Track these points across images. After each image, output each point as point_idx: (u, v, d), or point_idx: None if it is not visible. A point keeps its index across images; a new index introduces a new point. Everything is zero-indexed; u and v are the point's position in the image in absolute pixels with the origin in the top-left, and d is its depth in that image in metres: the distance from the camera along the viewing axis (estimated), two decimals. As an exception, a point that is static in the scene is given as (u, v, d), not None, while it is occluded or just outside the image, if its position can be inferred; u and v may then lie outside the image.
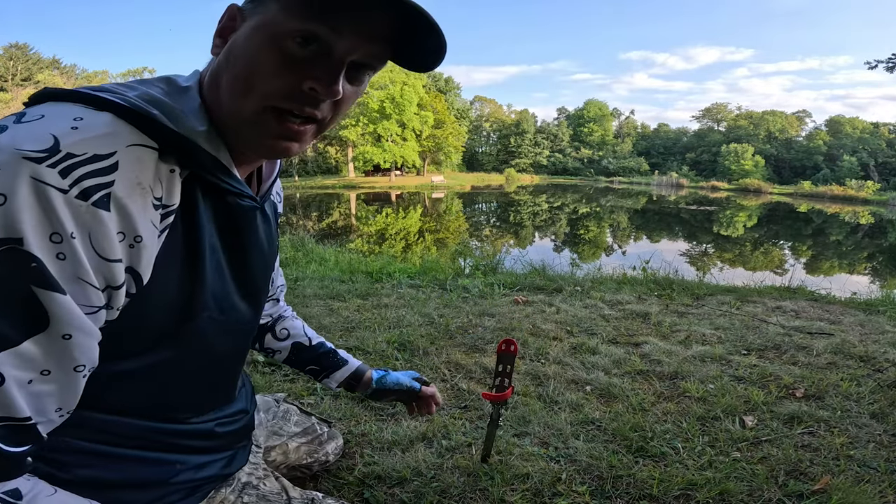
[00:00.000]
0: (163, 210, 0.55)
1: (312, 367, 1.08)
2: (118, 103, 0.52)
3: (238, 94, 0.56)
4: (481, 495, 1.25)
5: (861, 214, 25.30)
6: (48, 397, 0.49)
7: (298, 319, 1.10)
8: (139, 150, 0.52)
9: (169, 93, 0.58)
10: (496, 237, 14.50)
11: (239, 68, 0.56)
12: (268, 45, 0.54)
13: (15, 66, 39.66)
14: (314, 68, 0.55)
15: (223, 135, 0.60)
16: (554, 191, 38.07)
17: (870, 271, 10.49)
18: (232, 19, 0.59)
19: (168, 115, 0.55)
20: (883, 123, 51.40)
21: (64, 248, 0.46)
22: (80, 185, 0.46)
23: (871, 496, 1.27)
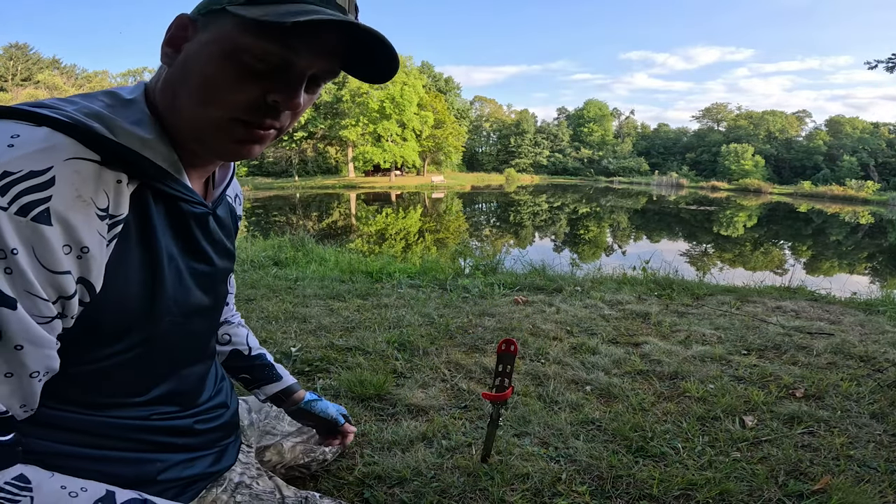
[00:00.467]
0: (110, 220, 0.56)
1: (244, 375, 1.05)
2: (55, 118, 0.53)
3: (200, 105, 0.58)
4: (481, 495, 1.25)
5: (861, 214, 25.30)
6: (12, 395, 0.53)
7: (244, 328, 1.07)
8: (78, 163, 0.52)
9: (111, 105, 0.59)
10: (496, 237, 14.50)
11: (199, 81, 0.57)
12: (227, 59, 0.56)
13: (15, 66, 39.65)
14: (275, 82, 0.58)
15: (177, 142, 0.62)
16: (554, 191, 38.06)
17: (870, 271, 10.49)
18: (182, 29, 0.59)
19: (108, 127, 0.56)
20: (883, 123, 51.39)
21: (9, 264, 0.48)
22: (18, 201, 0.48)
23: (871, 496, 1.27)
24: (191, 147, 0.62)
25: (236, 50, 0.56)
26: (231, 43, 0.56)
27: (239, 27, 0.55)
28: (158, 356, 0.69)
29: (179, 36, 0.59)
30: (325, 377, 1.90)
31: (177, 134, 0.61)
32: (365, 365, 1.99)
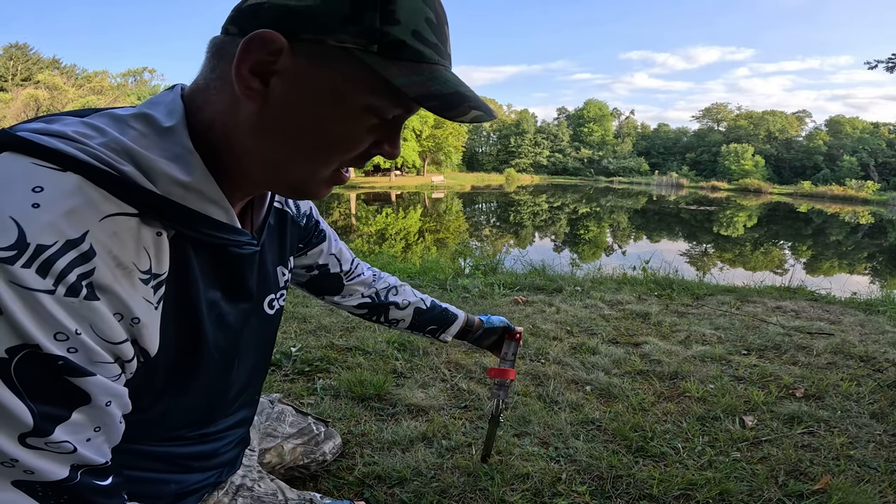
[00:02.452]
0: (154, 281, 0.51)
1: (431, 327, 1.16)
2: (83, 161, 0.45)
3: (309, 161, 0.52)
4: (481, 495, 1.25)
5: (861, 214, 25.30)
6: (104, 444, 0.51)
7: (405, 285, 1.14)
8: (115, 221, 0.46)
9: (146, 135, 0.50)
10: (496, 237, 14.50)
11: (312, 137, 0.50)
12: (349, 118, 0.50)
13: (15, 66, 39.66)
14: (383, 134, 0.53)
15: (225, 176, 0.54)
16: (554, 191, 38.06)
17: (870, 271, 10.49)
18: (275, 53, 0.47)
19: (144, 170, 0.48)
20: (883, 123, 51.45)
21: (73, 343, 0.45)
22: (63, 281, 0.43)
23: (871, 496, 1.27)
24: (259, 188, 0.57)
25: (366, 109, 0.49)
26: (362, 102, 0.49)
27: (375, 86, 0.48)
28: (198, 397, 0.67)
29: (268, 62, 0.47)
30: (325, 377, 1.90)
31: (243, 173, 0.54)
32: (365, 365, 1.99)
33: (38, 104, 29.94)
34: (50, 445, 0.45)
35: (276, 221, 0.74)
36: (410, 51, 0.47)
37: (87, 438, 0.49)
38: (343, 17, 0.45)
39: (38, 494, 0.46)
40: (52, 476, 0.46)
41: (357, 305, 1.07)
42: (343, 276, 1.02)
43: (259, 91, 0.48)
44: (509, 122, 63.97)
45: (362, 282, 1.07)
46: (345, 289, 1.04)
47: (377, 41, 0.46)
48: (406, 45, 0.47)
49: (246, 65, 0.47)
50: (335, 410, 1.64)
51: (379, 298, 1.09)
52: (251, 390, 0.82)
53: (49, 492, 0.46)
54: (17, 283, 0.41)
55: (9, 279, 0.41)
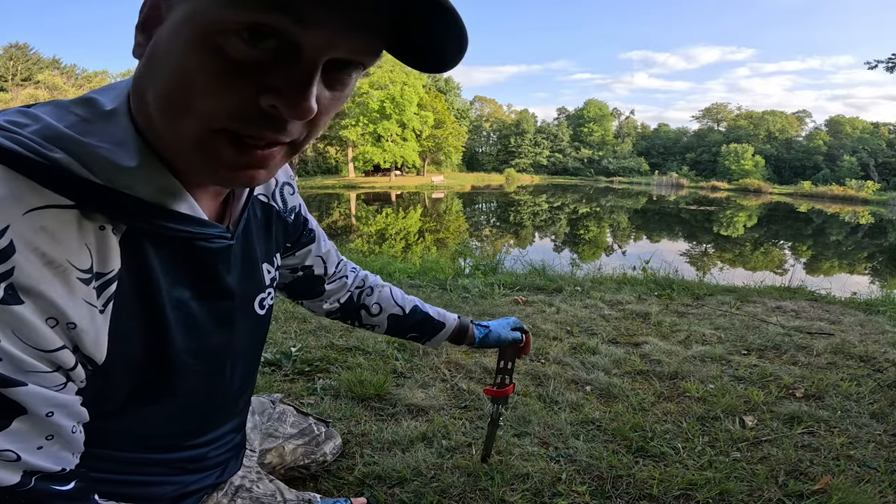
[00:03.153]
0: (97, 281, 0.46)
1: (413, 334, 1.09)
2: (8, 148, 0.40)
3: (170, 114, 0.42)
4: (481, 495, 1.25)
5: (861, 214, 25.30)
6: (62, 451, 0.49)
7: (385, 285, 1.07)
8: (42, 215, 0.41)
9: (86, 120, 0.45)
10: (496, 237, 14.50)
11: (167, 79, 0.41)
12: (202, 44, 0.39)
13: (15, 66, 39.65)
14: (273, 76, 0.40)
15: (170, 162, 0.47)
16: (554, 191, 38.06)
17: (870, 271, 10.49)
18: (156, 8, 0.43)
19: (80, 157, 0.43)
20: (883, 123, 51.44)
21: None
22: None
23: (871, 496, 1.27)
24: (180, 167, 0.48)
25: (215, 30, 0.39)
26: (209, 20, 0.38)
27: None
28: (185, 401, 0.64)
29: (152, 17, 0.43)
30: (325, 377, 1.90)
31: (162, 151, 0.47)
32: (365, 365, 1.99)
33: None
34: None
35: (262, 215, 0.70)
36: None
37: (37, 446, 0.46)
38: None
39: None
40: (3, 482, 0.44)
41: (329, 312, 1.02)
42: (326, 279, 0.96)
43: (144, 45, 0.44)
44: (509, 122, 64.00)
45: (343, 285, 1.00)
46: (325, 292, 0.98)
47: None
48: None
49: (137, 23, 0.45)
50: (335, 410, 1.64)
51: (351, 301, 1.02)
52: (245, 396, 0.81)
53: (6, 496, 0.45)
54: None
55: None
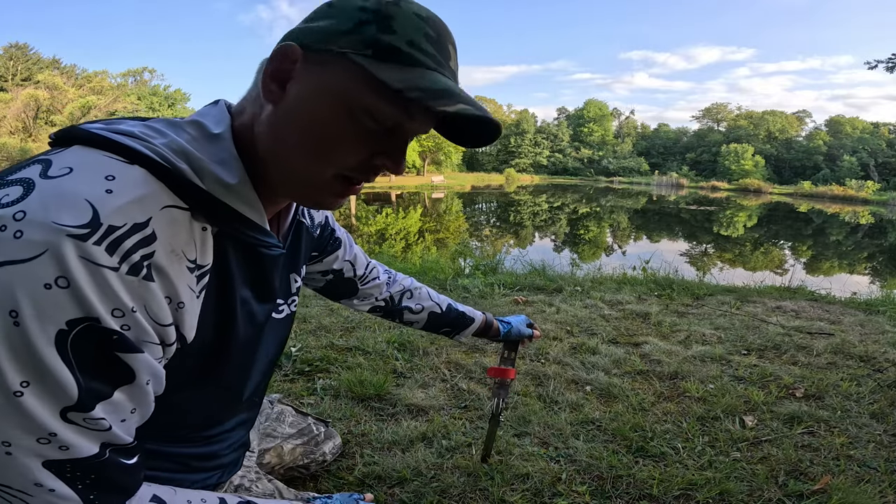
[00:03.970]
0: (198, 272, 0.55)
1: (446, 329, 1.20)
2: (148, 156, 0.50)
3: (311, 159, 0.55)
4: (481, 495, 1.25)
5: (861, 214, 25.30)
6: (134, 423, 0.54)
7: (423, 287, 1.19)
8: (172, 212, 0.50)
9: (197, 139, 0.55)
10: (496, 237, 14.49)
11: (314, 133, 0.54)
12: (348, 118, 0.53)
13: (15, 66, 39.65)
14: (385, 145, 0.56)
15: (264, 182, 0.59)
16: (554, 191, 38.06)
17: (870, 271, 10.49)
18: (291, 62, 0.54)
19: (196, 170, 0.53)
20: (883, 123, 51.44)
21: (127, 321, 0.48)
22: (128, 260, 0.46)
23: (871, 496, 1.27)
24: (280, 192, 0.60)
25: (361, 109, 0.53)
26: (357, 101, 0.53)
27: (369, 86, 0.52)
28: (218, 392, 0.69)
29: (286, 69, 0.54)
30: (325, 377, 1.90)
31: (268, 177, 0.58)
32: (365, 365, 1.99)
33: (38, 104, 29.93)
34: (87, 422, 0.47)
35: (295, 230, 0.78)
36: (405, 56, 0.52)
37: (122, 419, 0.51)
38: (347, 30, 0.52)
39: (67, 475, 0.47)
40: (84, 452, 0.48)
41: (371, 309, 1.13)
42: (357, 281, 1.07)
43: (277, 93, 0.55)
44: (509, 122, 64.00)
45: (377, 286, 1.11)
46: (359, 292, 1.09)
47: (372, 46, 0.52)
48: (401, 52, 0.52)
49: (268, 73, 0.55)
50: (335, 410, 1.64)
51: (393, 303, 1.14)
52: (259, 391, 0.83)
53: (77, 471, 0.48)
54: (88, 259, 0.44)
55: (80, 254, 0.44)
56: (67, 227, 0.44)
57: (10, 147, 25.02)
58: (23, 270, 0.43)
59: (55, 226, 0.43)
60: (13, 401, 0.44)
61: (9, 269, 0.43)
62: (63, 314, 0.44)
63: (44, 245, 0.43)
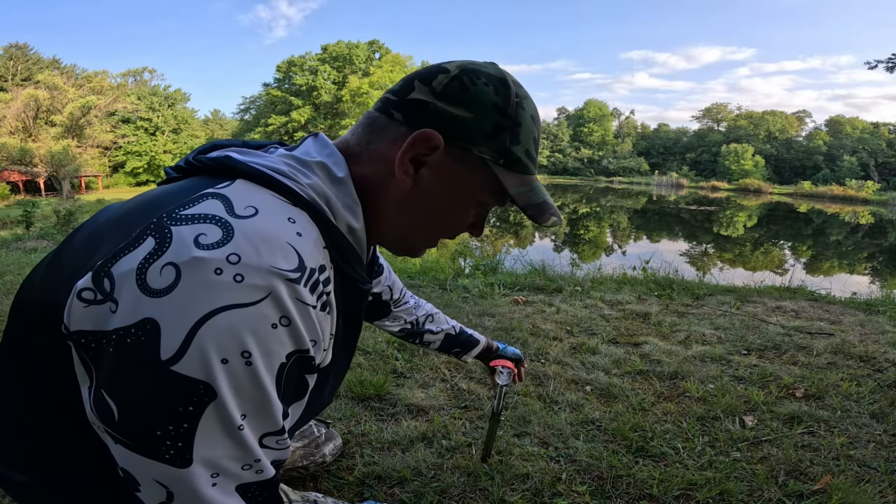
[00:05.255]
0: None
1: (456, 350, 1.28)
2: (306, 199, 0.55)
3: (432, 231, 0.65)
4: (481, 495, 1.25)
5: (861, 214, 25.29)
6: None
7: (439, 312, 1.27)
8: (325, 252, 0.56)
9: (326, 182, 0.59)
10: (496, 237, 14.49)
11: (440, 217, 0.64)
12: (464, 208, 0.63)
13: (15, 66, 39.61)
14: (478, 220, 0.67)
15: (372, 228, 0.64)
16: (554, 191, 38.02)
17: (870, 271, 10.49)
18: (431, 150, 0.59)
19: (333, 212, 0.58)
20: (883, 123, 51.35)
21: (317, 349, 0.53)
22: (321, 299, 0.52)
23: (871, 496, 1.27)
24: (384, 241, 0.68)
25: (479, 203, 0.63)
26: (482, 197, 0.63)
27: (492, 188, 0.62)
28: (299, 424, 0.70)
29: (423, 155, 0.59)
30: (325, 377, 1.90)
31: (380, 229, 0.65)
32: (365, 365, 1.99)
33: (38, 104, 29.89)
34: (279, 443, 0.51)
35: None
36: (522, 166, 0.62)
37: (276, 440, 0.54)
38: (486, 134, 0.59)
39: (249, 496, 0.50)
40: (269, 473, 0.51)
41: (398, 331, 1.21)
42: (392, 304, 1.15)
43: (412, 176, 0.60)
44: (509, 122, 63.82)
45: (406, 310, 1.19)
46: (391, 314, 1.17)
47: (504, 156, 0.60)
48: (520, 161, 0.61)
49: (409, 154, 0.59)
50: (335, 410, 1.64)
51: (417, 325, 1.22)
52: None
53: (257, 491, 0.51)
54: (300, 300, 0.49)
55: (294, 296, 0.48)
56: (285, 272, 0.48)
57: (10, 147, 24.97)
58: (250, 314, 0.45)
59: (273, 269, 0.47)
60: (236, 434, 0.47)
61: (238, 311, 0.45)
62: (285, 349, 0.48)
63: (267, 289, 0.46)
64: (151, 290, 0.44)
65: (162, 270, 0.44)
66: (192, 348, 0.44)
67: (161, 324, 0.44)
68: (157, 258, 0.45)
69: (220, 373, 0.45)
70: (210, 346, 0.44)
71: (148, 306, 0.44)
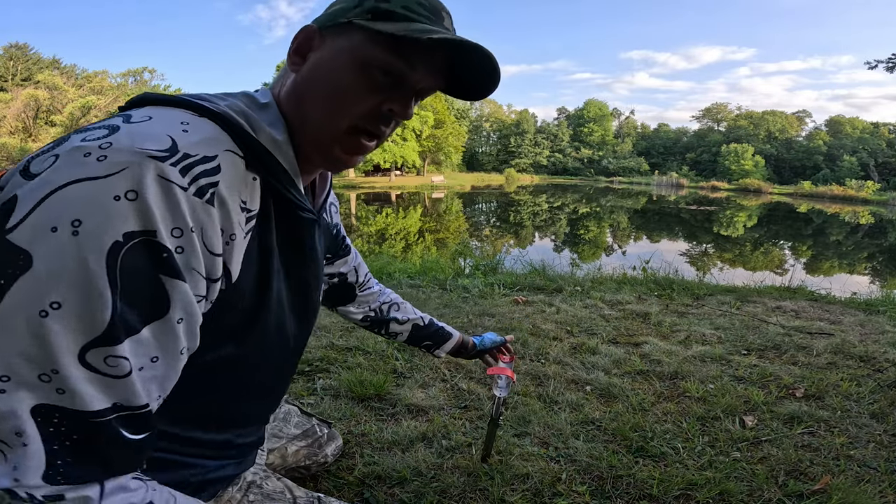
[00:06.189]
0: (247, 213, 0.59)
1: (427, 342, 1.25)
2: (216, 112, 0.57)
3: (327, 112, 0.62)
4: (481, 495, 1.25)
5: (861, 214, 25.29)
6: (153, 382, 0.50)
7: (406, 302, 1.23)
8: (232, 155, 0.56)
9: (250, 106, 0.62)
10: (496, 237, 14.49)
11: (328, 89, 0.61)
12: (357, 70, 0.60)
13: (15, 66, 39.62)
14: (393, 93, 0.62)
15: (297, 146, 0.64)
16: (554, 191, 38.04)
17: (870, 271, 10.48)
18: (310, 39, 0.63)
19: (252, 127, 0.59)
20: (883, 123, 51.40)
21: (183, 242, 0.49)
22: (196, 183, 0.50)
23: (871, 496, 1.27)
24: (307, 152, 0.65)
25: (366, 61, 0.60)
26: (362, 54, 0.60)
27: (369, 40, 0.60)
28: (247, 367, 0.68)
29: (306, 45, 0.63)
30: (325, 377, 1.90)
31: (298, 139, 0.64)
32: (365, 365, 1.99)
33: (38, 104, 29.89)
34: (109, 363, 0.45)
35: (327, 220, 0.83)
36: (399, 16, 0.60)
37: (141, 366, 0.48)
38: (353, 6, 0.61)
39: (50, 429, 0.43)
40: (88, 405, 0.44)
41: (362, 318, 1.18)
42: (357, 287, 1.13)
43: (300, 64, 0.63)
44: (509, 122, 63.98)
45: (371, 295, 1.17)
46: (357, 298, 1.15)
47: (371, 12, 0.60)
48: (395, 13, 0.60)
49: (291, 49, 0.64)
50: (335, 410, 1.64)
51: (381, 313, 1.19)
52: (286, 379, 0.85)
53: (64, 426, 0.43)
54: (163, 176, 0.47)
55: (157, 172, 0.47)
56: (149, 150, 0.48)
57: (10, 147, 24.97)
58: (97, 185, 0.45)
59: (138, 149, 0.47)
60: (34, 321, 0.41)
61: (86, 184, 0.45)
62: (123, 225, 0.45)
63: (125, 164, 0.46)
64: (28, 174, 0.47)
65: (45, 159, 0.47)
66: (31, 216, 0.43)
67: (19, 197, 0.45)
68: (46, 152, 0.49)
69: (43, 240, 0.42)
70: (45, 214, 0.43)
71: (19, 185, 0.46)
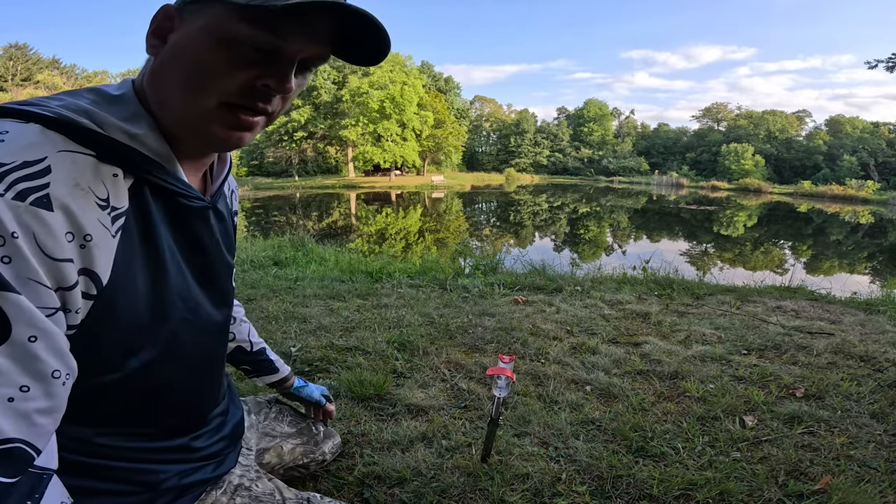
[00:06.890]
0: (111, 211, 0.55)
1: (245, 367, 1.15)
2: (43, 115, 0.53)
3: (190, 93, 0.58)
4: (481, 495, 1.25)
5: (861, 214, 25.28)
6: (36, 414, 0.46)
7: (247, 323, 1.13)
8: (72, 155, 0.52)
9: (97, 102, 0.58)
10: (496, 237, 14.49)
11: (190, 69, 0.57)
12: (220, 47, 0.56)
13: (15, 66, 39.62)
14: (268, 68, 0.58)
15: (170, 134, 0.61)
16: (554, 190, 38.04)
17: (870, 271, 10.48)
18: (168, 19, 0.59)
19: (97, 123, 0.55)
20: (883, 123, 51.35)
21: (8, 251, 0.45)
22: (14, 188, 0.47)
23: (871, 496, 1.27)
24: (182, 138, 0.62)
25: (227, 37, 0.56)
26: (222, 30, 0.56)
27: (229, 14, 0.55)
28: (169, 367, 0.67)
29: (165, 26, 0.59)
30: (325, 377, 1.90)
31: (168, 125, 0.61)
32: (365, 365, 1.99)
33: (38, 104, 29.93)
34: None
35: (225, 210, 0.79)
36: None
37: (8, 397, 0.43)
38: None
39: None
40: None
41: None
42: None
43: (159, 47, 0.60)
44: (509, 121, 63.97)
45: None
46: None
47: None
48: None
49: (150, 30, 0.60)
50: (335, 410, 1.64)
51: None
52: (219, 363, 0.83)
53: None
54: None
55: None
56: None
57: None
58: None
59: None
60: None
61: None
62: None
63: None
64: None
65: None
66: None
67: None
68: None
69: None
70: None
71: None
